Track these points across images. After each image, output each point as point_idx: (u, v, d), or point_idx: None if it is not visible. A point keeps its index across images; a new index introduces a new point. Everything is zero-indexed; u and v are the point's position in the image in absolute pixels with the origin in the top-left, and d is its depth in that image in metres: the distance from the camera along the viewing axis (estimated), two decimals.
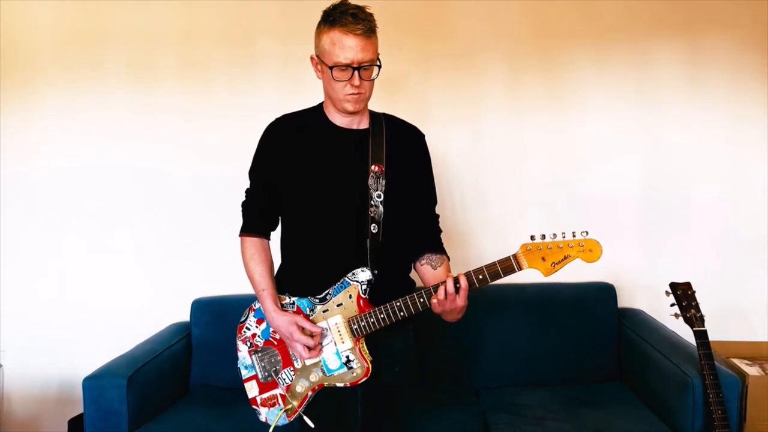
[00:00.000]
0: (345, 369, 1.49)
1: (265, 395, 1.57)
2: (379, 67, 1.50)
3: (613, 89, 2.49)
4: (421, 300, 1.45)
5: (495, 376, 2.35)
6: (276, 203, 1.60)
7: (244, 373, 1.59)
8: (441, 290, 1.43)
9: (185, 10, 2.52)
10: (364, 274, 1.48)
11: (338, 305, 1.49)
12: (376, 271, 1.49)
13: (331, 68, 1.46)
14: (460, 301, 1.44)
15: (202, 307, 2.43)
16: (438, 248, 1.64)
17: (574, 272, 2.47)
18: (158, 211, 2.59)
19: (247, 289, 1.70)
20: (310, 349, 1.49)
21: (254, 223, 1.62)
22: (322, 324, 1.50)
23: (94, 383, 2.01)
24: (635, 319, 2.40)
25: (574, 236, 1.39)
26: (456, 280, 1.43)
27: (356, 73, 1.45)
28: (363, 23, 1.44)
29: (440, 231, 1.68)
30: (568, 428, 1.97)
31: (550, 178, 2.53)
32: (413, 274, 1.66)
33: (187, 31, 2.53)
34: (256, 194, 1.63)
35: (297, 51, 2.49)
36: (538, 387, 2.28)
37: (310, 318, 1.51)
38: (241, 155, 2.49)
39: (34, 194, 2.61)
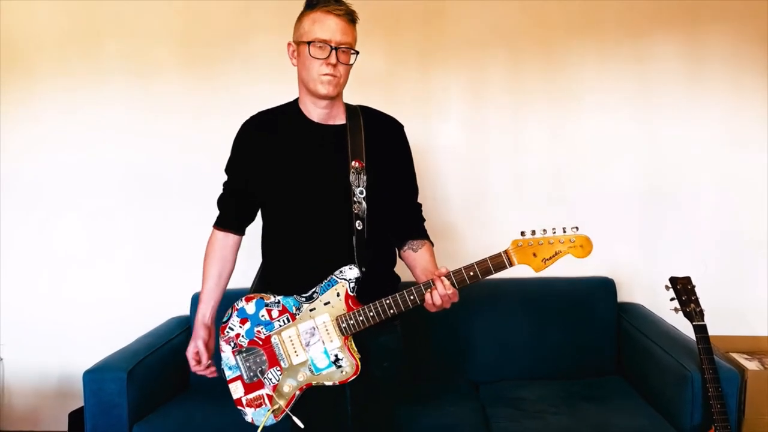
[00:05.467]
0: (334, 368, 1.47)
1: (251, 396, 1.55)
2: (356, 53, 1.49)
3: (612, 84, 2.49)
4: (411, 298, 1.44)
5: (495, 370, 2.35)
6: (251, 201, 1.60)
7: (229, 374, 1.57)
8: (435, 294, 1.42)
9: (184, 5, 2.52)
10: (351, 272, 1.47)
11: (325, 304, 1.48)
12: (363, 268, 1.48)
13: (309, 44, 1.45)
14: (455, 297, 1.45)
15: None
16: (419, 235, 1.63)
17: (573, 267, 2.49)
18: (158, 205, 2.59)
19: (247, 283, 1.70)
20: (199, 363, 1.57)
21: (224, 218, 1.65)
22: (309, 323, 1.49)
23: (94, 377, 2.02)
24: (635, 313, 2.40)
25: (564, 232, 1.39)
26: (448, 277, 1.43)
27: (334, 52, 1.45)
28: (345, 7, 1.47)
29: (423, 219, 1.67)
30: (567, 422, 1.98)
31: (550, 173, 2.53)
32: (403, 267, 1.66)
33: (186, 26, 2.53)
34: (230, 189, 1.63)
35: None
36: (537, 381, 2.29)
37: (297, 317, 1.50)
38: None
39: (33, 189, 2.61)
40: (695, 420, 1.88)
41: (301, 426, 1.49)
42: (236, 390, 1.57)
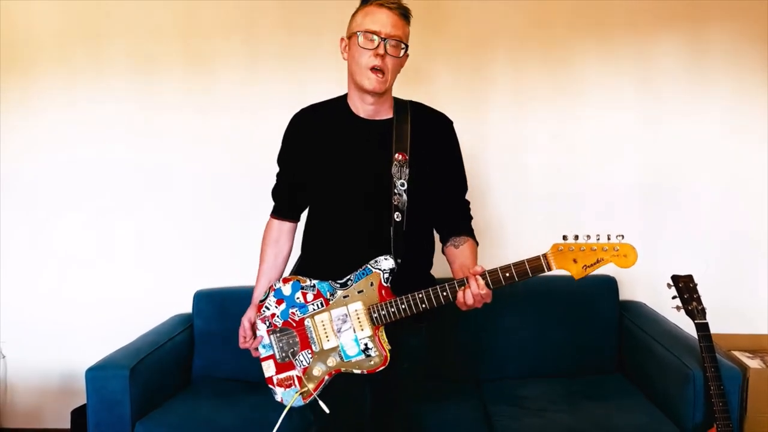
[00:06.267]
0: (363, 356, 1.48)
1: (282, 375, 1.56)
2: (406, 47, 1.51)
3: (615, 82, 2.48)
4: (444, 294, 1.44)
5: (497, 368, 2.36)
6: (302, 190, 1.64)
7: (262, 352, 1.59)
8: (468, 293, 1.42)
9: (185, 4, 2.51)
10: (387, 263, 1.47)
11: (359, 292, 1.48)
12: (399, 260, 1.49)
13: (358, 34, 1.47)
14: (488, 298, 1.44)
15: (204, 299, 2.44)
16: (462, 232, 1.62)
17: None
18: (160, 204, 2.60)
19: (249, 281, 1.71)
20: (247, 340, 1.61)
21: (278, 208, 1.70)
22: (342, 310, 1.50)
23: (97, 374, 2.02)
24: (636, 311, 2.40)
25: (609, 239, 1.35)
26: (483, 276, 1.41)
27: (382, 43, 1.46)
28: (398, 2, 1.50)
29: (470, 218, 1.66)
30: (568, 420, 1.98)
31: (552, 171, 2.53)
32: (441, 261, 1.65)
33: (188, 22, 2.53)
34: (282, 180, 1.68)
35: (299, 42, 2.49)
36: (539, 379, 2.29)
37: (330, 302, 1.51)
38: (243, 147, 2.53)
39: (35, 186, 2.61)
40: (697, 418, 1.88)
41: (327, 410, 1.50)
42: (268, 369, 1.58)
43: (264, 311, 1.58)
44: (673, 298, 1.94)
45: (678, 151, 2.49)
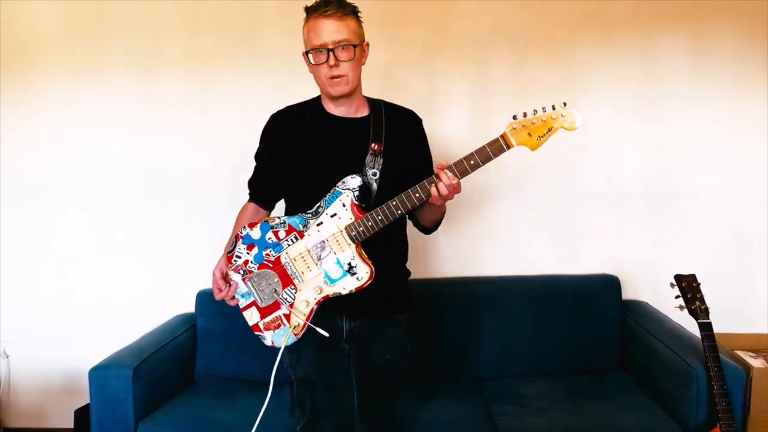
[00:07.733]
0: (348, 276, 1.50)
1: (268, 318, 1.56)
2: (355, 46, 1.52)
3: (617, 81, 2.47)
4: (417, 195, 1.47)
5: (499, 367, 2.35)
6: (277, 184, 1.68)
7: (242, 302, 1.58)
8: (441, 185, 1.45)
9: (186, 1, 2.50)
10: (354, 181, 1.50)
11: (332, 216, 1.51)
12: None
13: (308, 53, 1.52)
14: (459, 188, 1.47)
15: (207, 299, 2.44)
16: None
17: (578, 264, 2.50)
18: (163, 203, 2.59)
19: None
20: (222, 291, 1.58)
21: (253, 195, 1.74)
22: (318, 237, 1.51)
23: (100, 374, 2.03)
24: (639, 311, 2.40)
25: (554, 108, 1.46)
26: (450, 169, 1.45)
27: (331, 53, 1.49)
28: (332, 5, 1.49)
29: None
30: (571, 419, 1.98)
31: (555, 170, 2.52)
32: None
33: (188, 22, 2.52)
34: (257, 174, 1.73)
35: (300, 42, 2.48)
36: (541, 378, 2.29)
37: (305, 233, 1.53)
38: (244, 147, 2.49)
39: (35, 186, 2.61)
40: (700, 418, 1.88)
41: (326, 334, 1.51)
42: (251, 316, 1.57)
43: (235, 261, 1.57)
44: (676, 297, 1.93)
45: (681, 151, 2.48)
